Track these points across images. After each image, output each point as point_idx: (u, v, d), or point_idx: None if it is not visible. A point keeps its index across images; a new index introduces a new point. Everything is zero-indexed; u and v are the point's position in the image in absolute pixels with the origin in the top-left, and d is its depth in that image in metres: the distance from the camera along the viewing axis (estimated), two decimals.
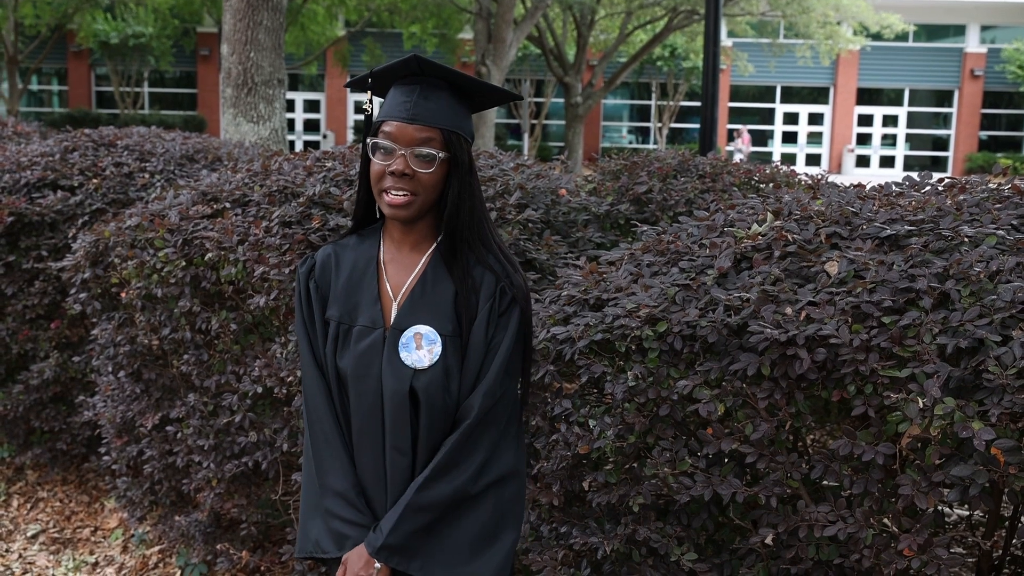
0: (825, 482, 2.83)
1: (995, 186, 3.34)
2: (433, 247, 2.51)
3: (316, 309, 2.53)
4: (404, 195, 2.37)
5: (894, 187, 3.49)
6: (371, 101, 2.50)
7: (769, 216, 3.24)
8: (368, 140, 2.44)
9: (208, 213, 4.35)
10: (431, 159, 2.38)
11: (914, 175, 3.52)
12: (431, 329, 2.43)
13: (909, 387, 2.47)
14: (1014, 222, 2.94)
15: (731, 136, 36.65)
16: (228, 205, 4.38)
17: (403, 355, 2.43)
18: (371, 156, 2.42)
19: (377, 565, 2.40)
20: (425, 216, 2.48)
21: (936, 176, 3.53)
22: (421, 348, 2.43)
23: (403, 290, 2.49)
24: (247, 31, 9.62)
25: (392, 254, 2.53)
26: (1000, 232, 2.81)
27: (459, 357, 2.45)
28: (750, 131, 36.44)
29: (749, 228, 3.22)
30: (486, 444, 2.45)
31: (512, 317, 2.48)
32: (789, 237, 3.02)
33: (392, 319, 2.47)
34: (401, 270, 2.51)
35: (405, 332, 2.44)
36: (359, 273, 2.52)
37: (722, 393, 2.80)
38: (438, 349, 2.43)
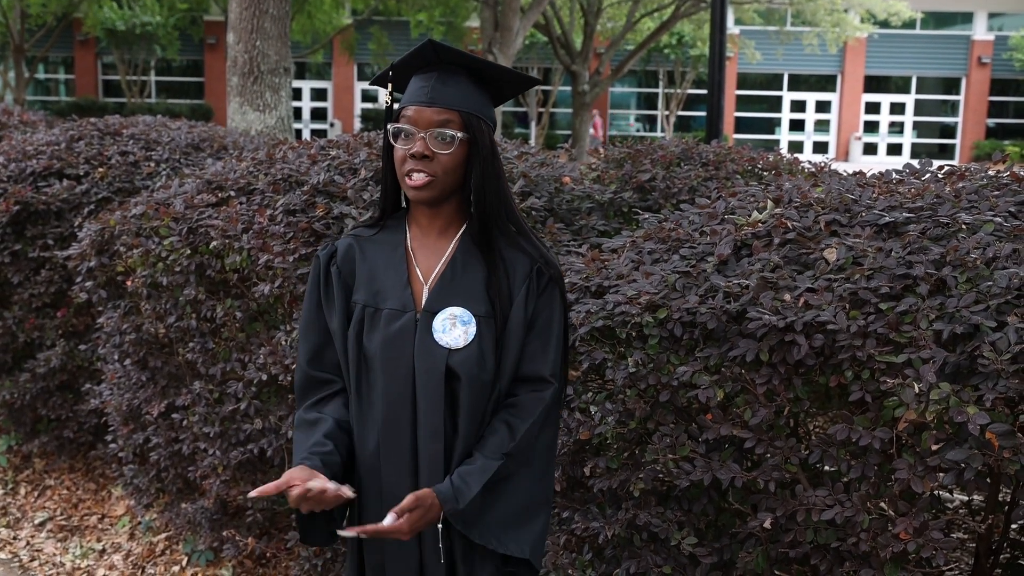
0: (825, 467, 2.85)
1: (994, 173, 3.35)
2: (461, 231, 2.53)
3: (337, 291, 2.53)
4: (424, 176, 2.39)
5: (894, 174, 3.50)
6: (391, 93, 2.53)
7: (769, 204, 3.26)
8: (389, 126, 2.47)
9: (213, 202, 4.37)
10: (449, 140, 2.40)
11: (914, 162, 3.53)
12: (465, 310, 2.44)
13: (905, 372, 2.49)
14: (1012, 209, 2.95)
15: None
16: (233, 194, 4.40)
17: (437, 336, 2.43)
18: (393, 142, 2.46)
19: (439, 525, 2.39)
20: (450, 199, 2.49)
21: (937, 163, 3.54)
22: (456, 329, 2.43)
23: (433, 274, 2.50)
24: (253, 19, 9.63)
25: (420, 240, 2.54)
26: (997, 219, 2.83)
27: (493, 340, 2.46)
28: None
29: (749, 215, 3.24)
30: (543, 421, 2.48)
31: (554, 296, 2.51)
32: (789, 224, 3.03)
33: (423, 302, 2.47)
34: (430, 255, 2.52)
35: (438, 314, 2.44)
36: (386, 259, 2.53)
37: (721, 379, 2.82)
38: (473, 330, 2.43)
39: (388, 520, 2.29)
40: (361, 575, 2.59)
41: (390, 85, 2.53)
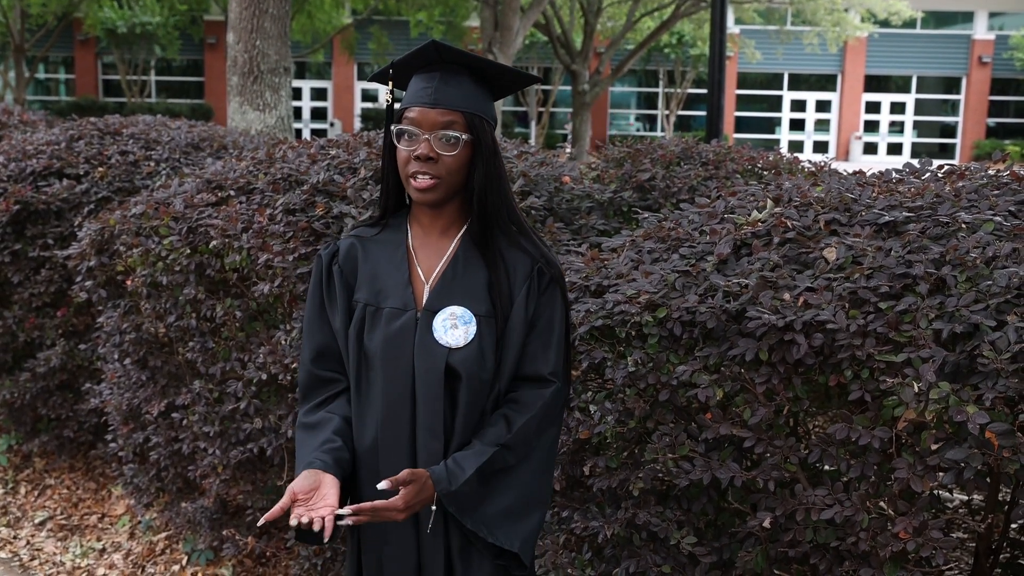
0: (824, 466, 2.85)
1: (994, 173, 3.35)
2: (463, 231, 2.53)
3: (339, 290, 2.53)
4: (429, 178, 2.39)
5: (894, 174, 3.50)
6: (391, 92, 2.53)
7: (769, 203, 3.26)
8: (392, 127, 2.46)
9: (213, 201, 4.37)
10: (454, 142, 2.40)
11: (914, 162, 3.53)
12: (465, 310, 2.44)
13: (905, 372, 2.48)
14: (1012, 208, 2.95)
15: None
16: (232, 193, 4.40)
17: (437, 335, 2.43)
18: (396, 143, 2.45)
19: (433, 507, 2.39)
20: (452, 200, 2.49)
21: (937, 163, 3.54)
22: (456, 328, 2.43)
23: (435, 273, 2.50)
24: (253, 19, 9.63)
25: (421, 239, 2.54)
26: (997, 218, 2.82)
27: (493, 339, 2.46)
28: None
29: (749, 215, 3.24)
30: (541, 416, 2.48)
31: (556, 295, 2.51)
32: (788, 224, 3.03)
33: (424, 301, 2.47)
34: (432, 254, 2.52)
35: (439, 313, 2.44)
36: (388, 258, 2.53)
37: (721, 378, 2.82)
38: (473, 329, 2.43)
39: (383, 485, 2.26)
40: (360, 575, 2.60)
41: (390, 83, 2.53)
